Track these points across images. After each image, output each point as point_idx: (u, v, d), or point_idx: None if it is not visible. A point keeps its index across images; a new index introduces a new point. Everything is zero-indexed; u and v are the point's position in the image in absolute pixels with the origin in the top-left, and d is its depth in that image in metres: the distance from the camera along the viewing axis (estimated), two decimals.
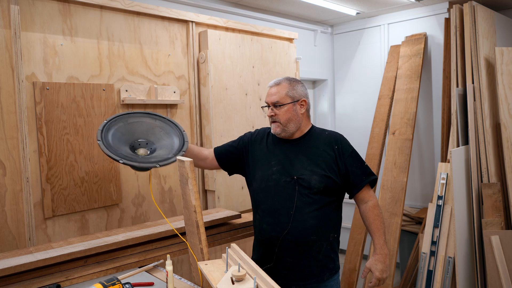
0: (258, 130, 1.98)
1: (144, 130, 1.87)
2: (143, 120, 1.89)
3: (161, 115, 1.94)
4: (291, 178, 1.74)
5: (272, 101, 1.80)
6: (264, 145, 1.87)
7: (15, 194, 2.00)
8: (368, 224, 1.81)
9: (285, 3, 3.52)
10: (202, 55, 2.64)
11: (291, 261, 1.74)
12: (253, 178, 1.85)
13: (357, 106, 4.36)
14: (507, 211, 2.86)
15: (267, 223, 1.77)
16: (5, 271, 1.53)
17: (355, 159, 1.81)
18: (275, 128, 1.79)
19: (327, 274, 1.78)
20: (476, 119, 2.99)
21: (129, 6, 2.32)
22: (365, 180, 1.80)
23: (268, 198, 1.78)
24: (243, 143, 1.94)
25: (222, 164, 1.97)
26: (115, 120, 1.82)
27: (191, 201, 1.62)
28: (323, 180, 1.73)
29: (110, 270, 1.77)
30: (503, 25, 3.51)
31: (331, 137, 1.83)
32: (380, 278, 1.76)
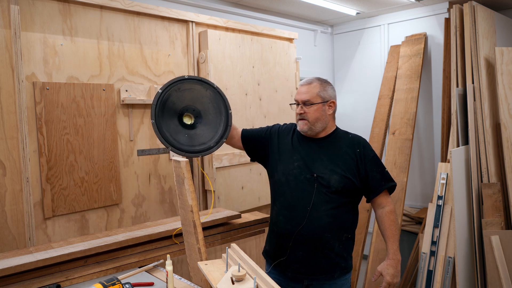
0: (286, 124, 2.03)
1: (194, 97, 1.86)
2: (194, 88, 1.86)
3: (212, 84, 1.90)
4: (311, 175, 1.79)
5: (302, 99, 1.84)
6: (289, 140, 1.92)
7: (15, 194, 2.00)
8: (383, 229, 1.85)
9: (285, 3, 3.52)
10: (202, 55, 2.64)
11: (303, 255, 1.79)
12: (275, 170, 1.89)
13: (357, 106, 4.36)
14: (507, 211, 2.86)
15: (283, 216, 1.83)
16: (5, 271, 1.53)
17: (376, 164, 1.85)
18: (303, 126, 1.84)
19: (338, 272, 1.83)
20: (476, 119, 2.99)
21: (129, 6, 2.32)
22: (384, 185, 1.84)
23: (286, 192, 1.83)
24: (270, 133, 1.99)
25: (246, 148, 2.02)
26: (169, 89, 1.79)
27: (187, 201, 1.62)
28: (342, 181, 1.77)
29: (110, 270, 1.77)
30: (503, 25, 3.51)
31: (354, 140, 1.87)
32: (390, 282, 1.80)
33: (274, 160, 1.91)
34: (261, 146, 1.98)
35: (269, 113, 3.02)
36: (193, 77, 1.85)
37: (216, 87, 1.90)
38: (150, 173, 2.49)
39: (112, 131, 2.30)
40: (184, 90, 1.83)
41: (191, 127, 1.86)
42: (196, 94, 1.86)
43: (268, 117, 3.01)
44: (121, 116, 2.35)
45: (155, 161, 2.51)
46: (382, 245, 3.32)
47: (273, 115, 3.05)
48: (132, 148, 2.40)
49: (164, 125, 1.77)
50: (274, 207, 1.91)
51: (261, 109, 2.97)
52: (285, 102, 3.14)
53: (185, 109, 1.85)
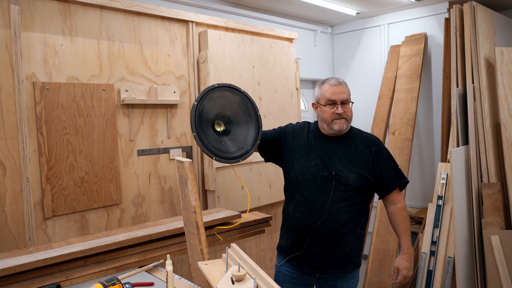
0: (299, 123, 2.05)
1: (224, 104, 1.90)
2: (224, 95, 1.90)
3: (239, 89, 1.92)
4: (329, 173, 1.83)
5: (343, 99, 1.86)
6: (305, 138, 1.95)
7: (15, 194, 2.00)
8: (396, 225, 1.92)
9: (285, 3, 3.52)
10: (202, 55, 2.64)
11: (320, 250, 1.84)
12: (292, 168, 1.92)
13: (357, 106, 4.36)
14: (507, 211, 2.86)
15: (301, 212, 1.86)
16: (5, 271, 1.53)
17: (390, 162, 1.91)
18: (342, 124, 1.86)
19: (351, 267, 1.89)
20: (476, 119, 2.99)
21: (129, 6, 2.32)
22: (397, 182, 1.91)
23: (304, 189, 1.86)
24: (284, 134, 2.01)
25: (261, 150, 2.04)
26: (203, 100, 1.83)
27: (190, 202, 1.62)
28: (359, 179, 1.82)
29: (110, 270, 1.77)
30: (503, 25, 3.51)
31: (369, 139, 1.93)
32: (406, 275, 1.88)
33: (290, 158, 1.94)
34: (276, 147, 2.01)
35: (269, 113, 3.02)
36: (222, 85, 1.89)
37: (243, 91, 1.93)
38: (150, 173, 2.49)
39: (112, 131, 2.30)
40: (215, 98, 1.87)
41: (224, 134, 1.91)
42: (225, 100, 1.90)
43: (268, 117, 3.01)
44: (121, 116, 2.35)
45: (155, 161, 2.51)
46: (382, 245, 3.33)
47: (273, 115, 3.05)
48: (132, 148, 2.40)
49: (204, 135, 1.81)
50: (290, 203, 1.94)
51: (261, 109, 2.97)
52: (285, 102, 3.14)
53: (215, 117, 1.89)
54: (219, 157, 1.80)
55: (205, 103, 1.83)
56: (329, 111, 1.85)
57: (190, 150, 2.68)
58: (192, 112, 1.78)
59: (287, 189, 1.98)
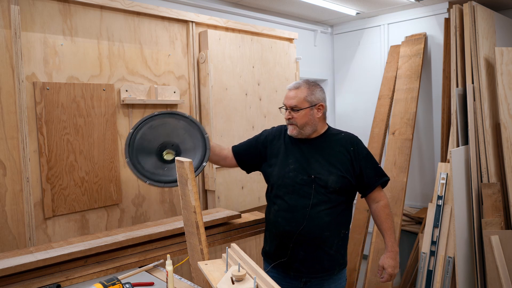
0: (275, 128, 2.04)
1: (169, 132, 1.88)
2: (166, 122, 1.90)
3: (184, 114, 1.93)
4: (308, 176, 1.81)
5: (290, 105, 1.84)
6: (282, 143, 1.93)
7: (15, 194, 2.00)
8: (380, 223, 1.90)
9: (285, 3, 3.52)
10: (202, 55, 2.64)
11: (304, 255, 1.81)
12: (271, 174, 1.90)
13: (357, 106, 4.36)
14: (507, 211, 2.86)
15: (282, 218, 1.84)
16: (5, 271, 1.53)
17: (369, 160, 1.89)
18: (292, 130, 1.86)
19: (337, 268, 1.88)
20: (476, 119, 2.99)
21: (129, 6, 2.32)
22: (378, 181, 1.89)
23: (284, 194, 1.84)
24: (261, 141, 1.99)
25: (241, 164, 2.03)
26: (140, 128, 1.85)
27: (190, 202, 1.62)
28: (340, 181, 1.80)
29: (110, 270, 1.77)
30: (503, 25, 3.51)
31: (347, 139, 1.89)
32: (392, 273, 1.87)
33: (269, 164, 1.93)
34: (254, 157, 1.99)
35: (269, 113, 3.02)
36: (163, 112, 1.89)
37: (187, 116, 1.91)
38: None
39: (112, 131, 2.30)
40: (157, 126, 1.86)
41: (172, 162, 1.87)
42: (170, 127, 1.88)
43: (268, 117, 3.02)
44: (121, 116, 2.35)
45: None
46: (382, 245, 3.33)
47: (273, 115, 3.05)
48: None
49: (142, 161, 1.80)
50: (271, 209, 1.91)
51: (261, 109, 2.97)
52: None
53: (163, 146, 1.86)
54: (153, 181, 1.78)
55: (145, 131, 1.83)
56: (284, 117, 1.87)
57: None
58: (127, 139, 1.79)
59: (268, 195, 1.95)
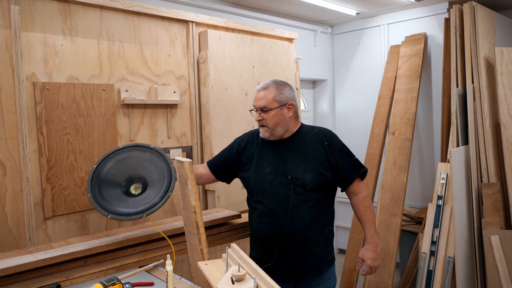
0: (246, 133, 2.00)
1: (135, 165, 1.87)
2: (132, 155, 1.88)
3: (148, 146, 1.91)
4: (285, 178, 1.78)
5: (259, 106, 1.82)
6: (255, 147, 1.90)
7: (15, 194, 2.00)
8: (359, 215, 1.89)
9: (285, 3, 3.52)
10: (202, 55, 2.64)
11: (290, 258, 1.79)
12: (248, 180, 1.87)
13: (357, 106, 4.36)
14: (507, 211, 2.86)
15: (264, 223, 1.81)
16: (5, 271, 1.53)
17: (345, 153, 1.86)
18: (264, 132, 1.83)
19: (325, 266, 1.85)
20: (476, 119, 2.99)
21: (129, 6, 2.33)
22: (356, 173, 1.86)
23: (264, 198, 1.81)
24: (235, 149, 1.96)
25: (219, 176, 1.99)
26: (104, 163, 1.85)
27: (190, 202, 1.62)
28: (317, 178, 1.77)
29: (110, 270, 1.77)
30: (503, 25, 3.51)
31: (320, 134, 1.86)
32: (371, 266, 1.84)
33: (245, 171, 1.90)
34: (231, 166, 1.95)
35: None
36: (128, 145, 1.88)
37: (152, 147, 1.89)
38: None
39: (112, 131, 2.30)
40: (122, 160, 1.85)
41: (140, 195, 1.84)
42: (136, 160, 1.86)
43: None
44: (121, 116, 2.35)
45: None
46: (382, 245, 3.33)
47: None
48: None
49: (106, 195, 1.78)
50: (252, 215, 1.89)
51: None
52: None
53: (130, 180, 1.83)
54: (114, 214, 1.74)
55: (109, 165, 1.83)
56: (255, 118, 1.85)
57: (190, 150, 2.68)
58: (90, 174, 1.79)
59: (249, 201, 1.93)
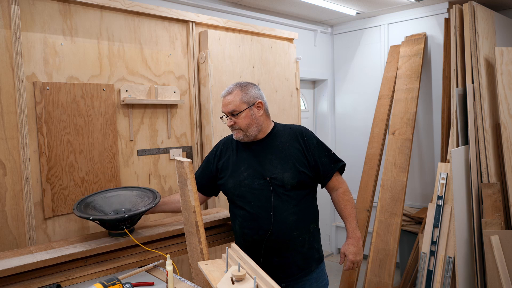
0: (221, 141, 1.98)
1: (122, 200, 1.94)
2: (120, 193, 1.97)
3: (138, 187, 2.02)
4: (263, 179, 1.76)
5: (228, 111, 1.80)
6: (231, 153, 1.88)
7: (15, 194, 2.00)
8: (340, 210, 1.87)
9: (285, 3, 3.52)
10: (202, 55, 2.64)
11: (278, 260, 1.77)
12: (227, 186, 1.85)
13: (357, 106, 4.36)
14: (507, 211, 2.86)
15: (248, 228, 1.79)
16: (6, 271, 1.53)
17: (321, 148, 1.85)
18: (237, 135, 1.81)
19: (313, 265, 1.83)
20: (476, 119, 2.99)
21: (129, 6, 2.33)
22: (334, 168, 1.85)
23: (245, 203, 1.79)
24: (212, 160, 1.94)
25: (209, 194, 1.98)
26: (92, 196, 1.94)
27: (190, 202, 1.62)
28: (295, 176, 1.76)
29: (110, 270, 1.77)
30: (503, 25, 3.51)
31: (295, 132, 1.85)
32: (353, 261, 1.81)
33: (223, 178, 1.87)
34: (213, 180, 1.93)
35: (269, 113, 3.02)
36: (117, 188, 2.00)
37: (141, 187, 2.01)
38: (150, 173, 2.49)
39: (112, 131, 2.30)
40: (110, 197, 1.93)
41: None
42: (123, 198, 1.94)
43: None
44: (121, 116, 2.35)
45: (155, 161, 2.51)
46: (382, 245, 3.33)
47: (273, 115, 3.04)
48: (132, 148, 2.40)
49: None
50: (235, 221, 1.86)
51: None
52: (285, 102, 3.14)
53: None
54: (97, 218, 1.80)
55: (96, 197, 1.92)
56: (226, 124, 1.83)
57: (190, 150, 2.68)
58: (77, 201, 1.87)
59: (230, 207, 1.91)
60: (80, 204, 1.87)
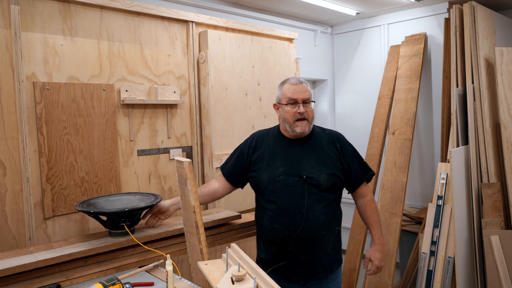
0: (254, 135, 1.97)
1: (124, 203, 1.98)
2: (123, 198, 2.02)
3: (142, 192, 2.09)
4: (299, 177, 1.78)
5: (304, 98, 1.80)
6: (266, 147, 1.88)
7: (15, 194, 2.00)
8: (366, 217, 1.93)
9: (285, 3, 3.52)
10: (202, 55, 2.64)
11: (304, 257, 1.80)
12: (260, 180, 1.85)
13: (357, 106, 4.36)
14: (507, 211, 2.86)
15: (278, 223, 1.80)
16: (5, 271, 1.53)
17: (355, 156, 1.91)
18: (304, 127, 1.79)
19: (335, 266, 1.89)
20: (476, 119, 2.99)
21: (129, 6, 2.33)
22: (364, 176, 1.92)
23: (277, 198, 1.80)
24: (245, 152, 1.93)
25: (236, 185, 1.98)
26: (96, 198, 2.00)
27: (190, 202, 1.62)
28: (331, 178, 1.80)
29: (110, 270, 1.77)
30: (503, 25, 3.51)
31: (333, 136, 1.90)
32: (379, 266, 1.88)
33: (256, 171, 1.87)
34: (244, 172, 1.93)
35: (269, 113, 3.02)
36: (121, 193, 2.08)
37: (144, 193, 2.07)
38: (150, 173, 2.49)
39: (112, 131, 2.30)
40: (113, 200, 1.99)
41: None
42: (125, 201, 1.99)
43: (268, 117, 3.02)
44: (121, 116, 2.35)
45: (155, 161, 2.51)
46: None
47: (273, 115, 3.05)
48: (132, 148, 2.40)
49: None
50: (264, 215, 1.85)
51: (261, 109, 2.97)
52: None
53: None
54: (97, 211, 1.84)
55: (99, 200, 1.97)
56: (291, 111, 1.79)
57: (190, 150, 2.68)
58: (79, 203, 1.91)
59: (259, 201, 1.90)
60: (83, 203, 1.90)
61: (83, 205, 1.88)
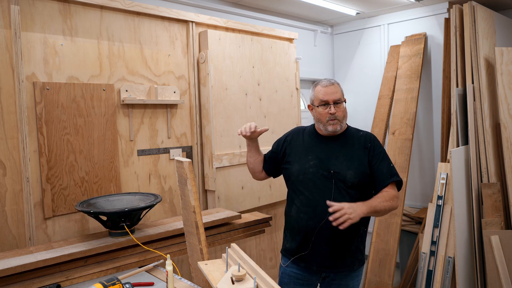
0: (292, 130, 2.11)
1: (124, 203, 2.01)
2: (123, 198, 2.05)
3: (141, 192, 2.14)
4: (328, 172, 1.86)
5: (335, 99, 1.88)
6: (301, 142, 2.00)
7: (15, 194, 2.00)
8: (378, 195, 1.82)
9: (285, 3, 3.52)
10: (202, 55, 2.64)
11: (326, 249, 1.87)
12: (291, 172, 1.96)
13: (357, 106, 4.36)
14: (507, 211, 2.86)
15: (304, 213, 1.88)
16: (5, 271, 1.53)
17: (384, 159, 1.93)
18: (335, 126, 1.89)
19: (356, 264, 1.93)
20: (476, 119, 2.99)
21: (129, 6, 2.33)
22: (390, 179, 1.88)
23: (305, 189, 1.89)
24: (281, 146, 2.06)
25: (271, 174, 2.13)
26: (96, 198, 2.04)
27: (190, 202, 1.62)
28: (358, 176, 1.85)
29: (110, 270, 1.77)
30: (503, 25, 3.51)
31: (366, 137, 1.96)
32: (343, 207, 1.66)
33: (288, 163, 1.99)
34: (278, 163, 2.07)
35: (269, 113, 3.03)
36: (120, 193, 2.13)
37: (144, 193, 2.13)
38: (150, 173, 2.49)
39: (112, 131, 2.30)
40: (113, 200, 2.02)
41: None
42: (125, 201, 2.03)
43: (268, 117, 3.02)
44: (121, 116, 2.35)
45: (155, 161, 2.51)
46: (382, 245, 3.33)
47: (273, 115, 3.05)
48: (132, 148, 2.40)
49: None
50: (292, 205, 1.96)
51: (261, 109, 2.97)
52: (285, 102, 3.14)
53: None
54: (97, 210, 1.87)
55: (99, 200, 2.01)
56: (323, 112, 1.89)
57: (190, 150, 2.68)
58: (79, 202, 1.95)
59: (289, 193, 2.01)
60: (83, 203, 1.92)
61: (83, 205, 1.89)
